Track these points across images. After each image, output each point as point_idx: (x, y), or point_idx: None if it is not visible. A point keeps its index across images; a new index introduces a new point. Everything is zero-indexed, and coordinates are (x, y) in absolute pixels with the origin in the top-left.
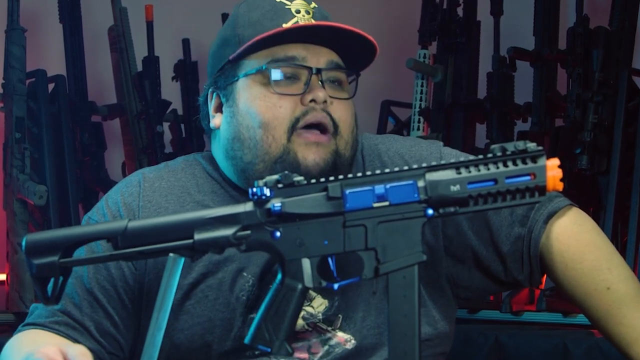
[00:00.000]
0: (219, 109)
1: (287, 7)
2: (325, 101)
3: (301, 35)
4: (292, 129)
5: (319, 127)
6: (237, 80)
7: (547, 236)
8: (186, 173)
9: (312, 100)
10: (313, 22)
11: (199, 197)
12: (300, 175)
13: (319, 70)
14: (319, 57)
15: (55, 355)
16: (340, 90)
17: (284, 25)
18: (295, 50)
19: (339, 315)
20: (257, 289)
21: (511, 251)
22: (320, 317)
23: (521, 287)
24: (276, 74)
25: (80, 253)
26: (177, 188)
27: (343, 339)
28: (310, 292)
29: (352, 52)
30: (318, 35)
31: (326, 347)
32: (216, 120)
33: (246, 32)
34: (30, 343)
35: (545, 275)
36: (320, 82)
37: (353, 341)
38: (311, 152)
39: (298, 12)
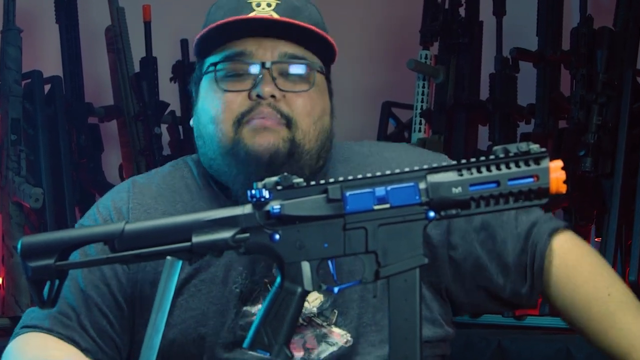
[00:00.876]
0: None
1: (249, 1)
2: (273, 96)
3: (251, 29)
4: (239, 122)
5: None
6: (201, 79)
7: (550, 249)
8: (174, 176)
9: (259, 96)
10: (271, 15)
11: (188, 197)
12: (251, 162)
13: (267, 64)
14: (273, 50)
15: None
16: (299, 82)
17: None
18: (244, 45)
19: (335, 311)
20: (250, 282)
21: (516, 263)
22: (315, 312)
23: (517, 307)
24: (220, 72)
25: (75, 256)
26: (166, 190)
27: (339, 335)
28: None
29: (313, 46)
30: (270, 29)
31: (322, 343)
32: (192, 120)
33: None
34: (37, 349)
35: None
36: (270, 76)
37: (349, 338)
38: (259, 136)
39: (258, 5)
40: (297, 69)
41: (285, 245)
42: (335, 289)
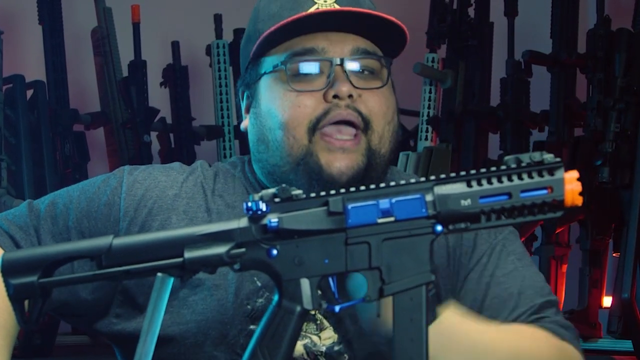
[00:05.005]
0: (248, 109)
1: None
2: (350, 95)
3: (320, 23)
4: (314, 129)
5: (345, 123)
6: (259, 79)
7: None
8: (226, 175)
9: (335, 96)
10: (336, 7)
11: (231, 199)
12: (327, 181)
13: (342, 61)
14: (343, 45)
15: None
16: (372, 79)
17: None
18: (315, 42)
19: (345, 355)
20: (266, 300)
21: None
22: (323, 351)
23: None
24: (292, 70)
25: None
26: (215, 190)
27: None
28: (323, 321)
29: (383, 37)
30: (340, 21)
31: None
32: (245, 121)
33: (265, 26)
34: None
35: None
36: (345, 74)
37: None
38: (336, 159)
39: None
40: (371, 64)
41: (284, 261)
42: (337, 308)
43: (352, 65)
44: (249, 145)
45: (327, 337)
